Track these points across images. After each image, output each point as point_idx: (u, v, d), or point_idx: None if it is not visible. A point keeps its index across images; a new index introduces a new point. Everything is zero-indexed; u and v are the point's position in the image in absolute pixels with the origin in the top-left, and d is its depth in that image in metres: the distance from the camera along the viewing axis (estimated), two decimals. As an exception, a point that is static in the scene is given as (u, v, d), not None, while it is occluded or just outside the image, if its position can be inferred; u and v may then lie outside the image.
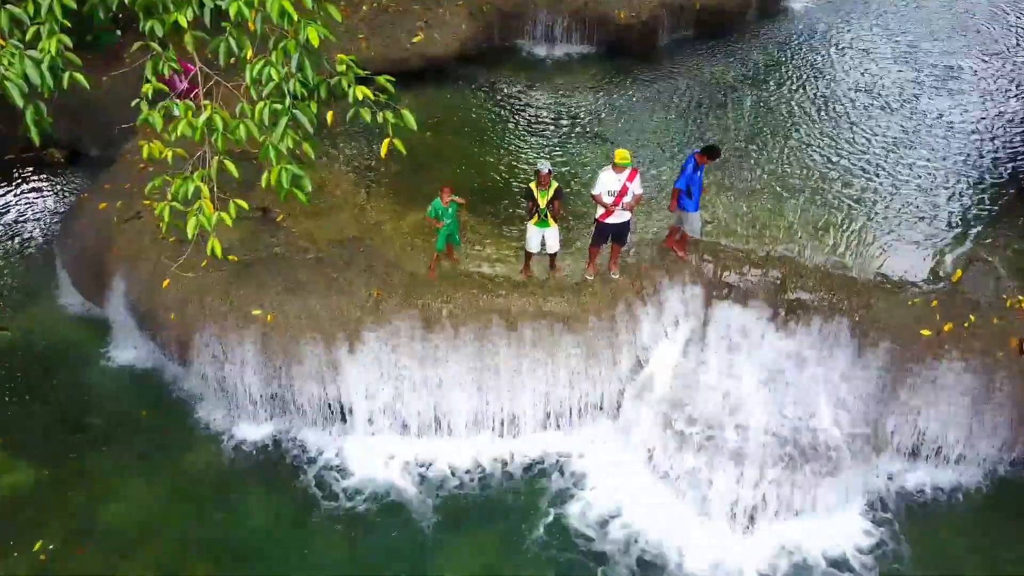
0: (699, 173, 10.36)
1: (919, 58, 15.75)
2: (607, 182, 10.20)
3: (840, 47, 16.09)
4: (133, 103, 6.14)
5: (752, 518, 10.11)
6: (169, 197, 6.04)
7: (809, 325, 10.82)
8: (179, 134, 5.74)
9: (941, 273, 10.99)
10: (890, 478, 10.65)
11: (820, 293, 10.83)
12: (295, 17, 5.45)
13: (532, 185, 10.34)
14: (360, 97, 6.17)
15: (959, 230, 11.78)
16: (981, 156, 13.33)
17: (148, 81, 5.98)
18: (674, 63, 15.66)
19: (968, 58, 15.79)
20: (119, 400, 11.87)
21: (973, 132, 13.84)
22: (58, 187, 15.63)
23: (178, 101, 5.87)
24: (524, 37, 16.08)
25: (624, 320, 10.93)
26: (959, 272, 10.90)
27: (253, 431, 11.30)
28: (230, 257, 11.31)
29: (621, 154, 10.03)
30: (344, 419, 11.12)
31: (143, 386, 12.05)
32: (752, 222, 11.87)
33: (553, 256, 10.97)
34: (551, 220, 10.53)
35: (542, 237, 10.65)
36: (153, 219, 11.79)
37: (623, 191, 10.18)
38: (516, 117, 14.35)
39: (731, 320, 11.11)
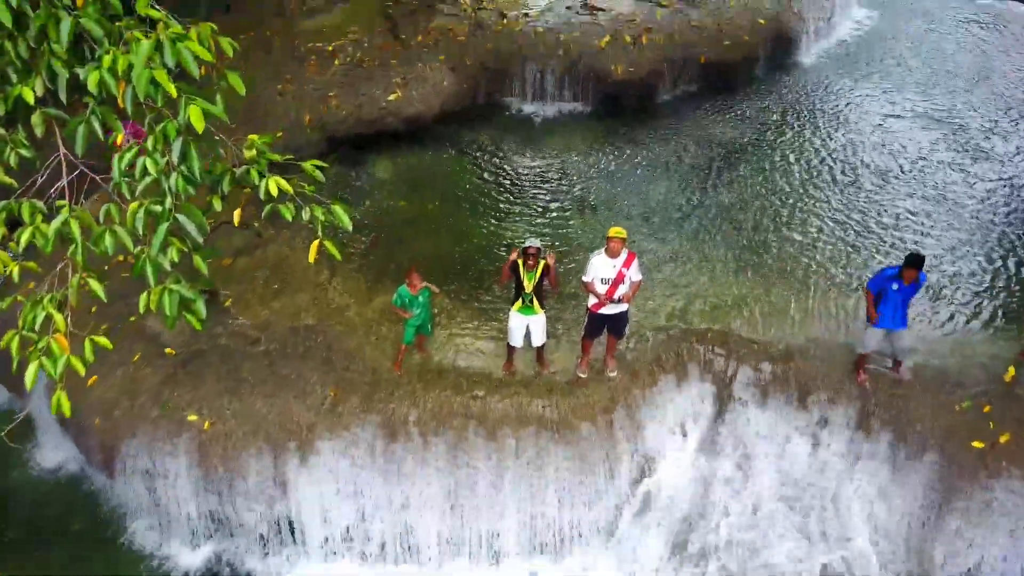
0: (903, 287, 8.68)
1: (943, 119, 14.24)
2: (600, 268, 8.72)
3: (854, 107, 14.57)
4: (-30, 202, 4.67)
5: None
6: (20, 325, 4.54)
7: (838, 431, 9.29)
8: (23, 245, 4.28)
9: (991, 370, 9.43)
10: (939, 617, 8.98)
11: (849, 393, 9.30)
12: (172, 92, 4.02)
13: (519, 262, 8.81)
14: (275, 192, 4.70)
15: (1007, 318, 10.22)
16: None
17: (-11, 174, 4.54)
18: (676, 123, 14.20)
19: (1000, 121, 14.26)
20: (40, 509, 10.35)
21: (1012, 203, 12.29)
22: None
23: (29, 201, 4.39)
24: (512, 94, 14.66)
25: (623, 426, 9.36)
26: (1011, 370, 9.34)
27: (189, 554, 9.70)
28: (167, 350, 9.84)
29: (616, 230, 8.58)
30: (295, 542, 9.48)
31: (69, 494, 10.51)
32: (766, 307, 10.34)
33: (540, 349, 9.46)
34: (537, 307, 9.05)
35: (527, 327, 9.16)
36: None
37: (618, 279, 8.71)
38: (502, 183, 12.91)
39: (748, 425, 9.57)
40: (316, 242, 5.05)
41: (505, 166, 13.31)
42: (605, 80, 14.43)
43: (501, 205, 12.44)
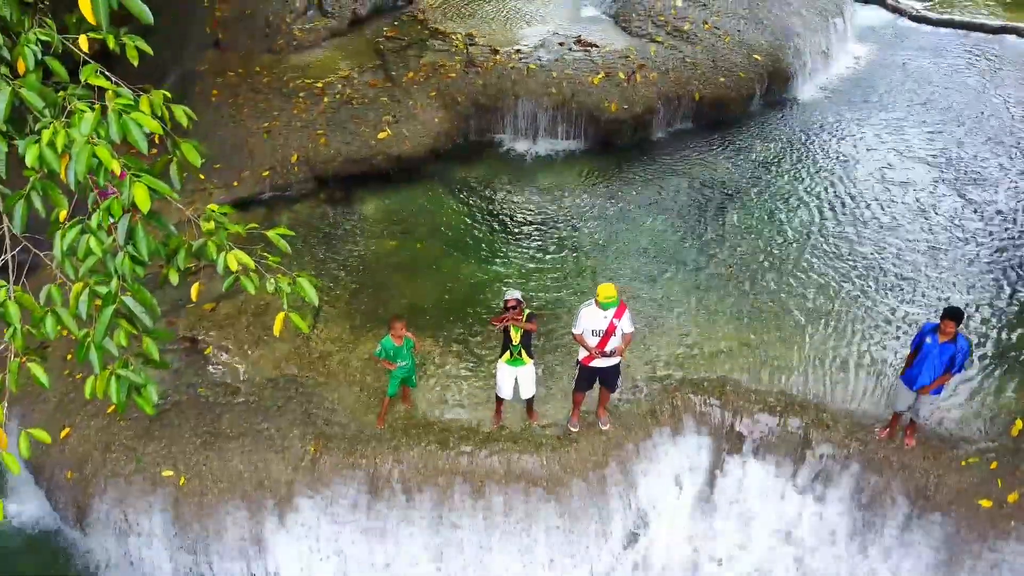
0: (937, 343, 8.16)
1: (945, 165, 13.56)
2: (590, 320, 8.42)
3: (852, 147, 14.12)
4: None
5: None
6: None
7: (839, 488, 8.95)
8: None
9: (996, 424, 9.09)
10: None
11: (851, 448, 8.98)
12: (116, 169, 3.75)
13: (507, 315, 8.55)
14: (235, 267, 4.41)
15: (1012, 370, 9.84)
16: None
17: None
18: (671, 161, 13.89)
19: (1007, 168, 13.55)
20: (11, 567, 9.93)
21: (1019, 256, 11.72)
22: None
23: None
24: (503, 131, 14.39)
25: (616, 481, 9.02)
26: (1019, 423, 9.01)
27: (165, 614, 9.30)
28: (143, 402, 9.50)
29: (606, 291, 8.22)
30: (274, 603, 9.11)
31: (41, 550, 10.09)
32: (763, 355, 10.00)
33: (529, 401, 9.15)
34: (526, 358, 8.76)
35: (515, 379, 8.85)
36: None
37: (610, 330, 8.40)
38: (493, 224, 12.60)
39: (745, 479, 9.23)
40: (281, 315, 4.75)
41: (496, 206, 13.03)
42: (598, 117, 14.15)
43: (489, 247, 12.14)
